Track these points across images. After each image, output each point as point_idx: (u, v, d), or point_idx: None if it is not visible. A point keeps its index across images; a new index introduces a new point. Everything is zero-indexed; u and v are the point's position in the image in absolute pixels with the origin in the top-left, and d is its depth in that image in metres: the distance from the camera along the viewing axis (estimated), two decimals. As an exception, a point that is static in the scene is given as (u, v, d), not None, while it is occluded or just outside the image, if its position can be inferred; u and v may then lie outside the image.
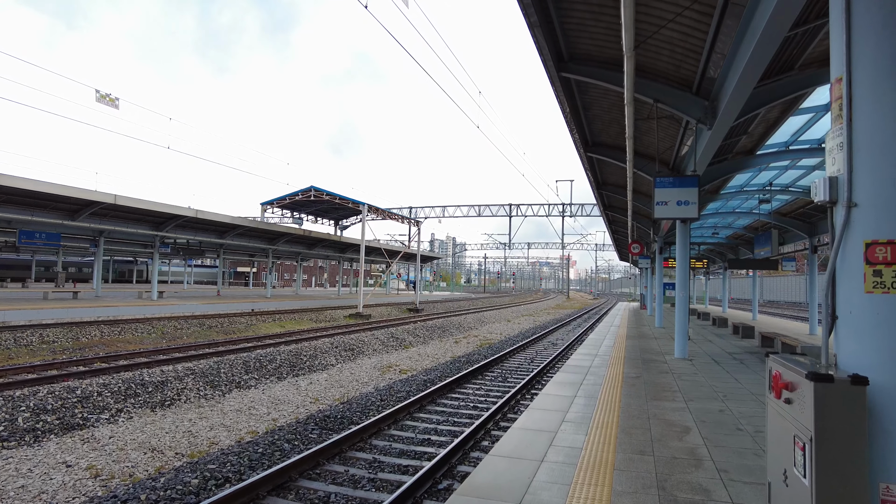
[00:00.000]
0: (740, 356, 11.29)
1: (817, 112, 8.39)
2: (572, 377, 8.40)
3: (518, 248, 76.12)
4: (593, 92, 8.42)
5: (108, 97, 14.12)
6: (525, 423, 5.60)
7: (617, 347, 12.57)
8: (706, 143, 7.07)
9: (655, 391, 7.34)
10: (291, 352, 14.75)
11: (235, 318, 24.55)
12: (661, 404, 6.53)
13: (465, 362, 14.76)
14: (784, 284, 67.41)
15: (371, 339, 18.41)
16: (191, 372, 11.48)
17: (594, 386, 7.70)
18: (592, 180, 14.43)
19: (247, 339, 17.66)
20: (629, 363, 10.05)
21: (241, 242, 33.73)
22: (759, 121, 8.48)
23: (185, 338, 19.28)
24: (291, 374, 13.16)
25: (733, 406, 6.48)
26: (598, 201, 17.69)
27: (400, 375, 13.22)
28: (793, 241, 19.95)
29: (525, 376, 12.28)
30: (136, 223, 27.04)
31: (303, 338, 17.74)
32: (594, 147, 11.51)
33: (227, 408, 9.79)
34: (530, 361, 15.06)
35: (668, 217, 7.86)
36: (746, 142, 9.98)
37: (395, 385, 11.49)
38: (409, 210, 44.87)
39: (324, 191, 32.28)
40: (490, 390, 10.77)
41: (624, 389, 7.45)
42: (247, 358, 13.43)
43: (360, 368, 14.08)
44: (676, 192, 7.61)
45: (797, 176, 13.27)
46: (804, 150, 10.22)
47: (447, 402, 9.64)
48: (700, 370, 9.27)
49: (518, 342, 20.21)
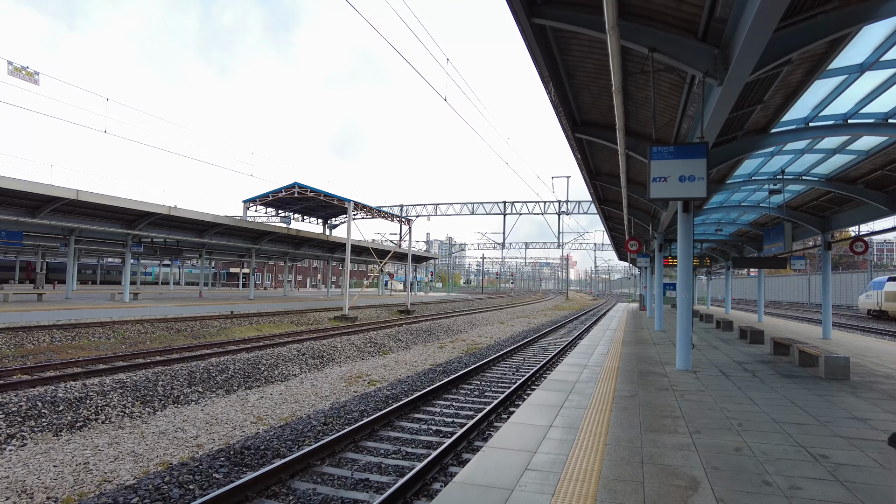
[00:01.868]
0: (751, 367, 9.80)
1: (850, 74, 6.90)
2: (553, 397, 6.91)
3: (516, 248, 74.56)
4: (576, 50, 6.95)
5: (25, 70, 12.58)
6: (473, 473, 4.11)
7: (611, 356, 11.08)
8: (716, 104, 5.60)
9: (653, 417, 5.85)
10: (250, 360, 13.27)
11: (209, 321, 23.07)
12: (660, 438, 5.04)
13: (442, 372, 13.27)
14: (785, 284, 65.87)
15: (346, 344, 16.91)
16: (120, 385, 10.00)
17: (577, 410, 6.21)
18: (584, 169, 12.93)
19: (208, 346, 16.19)
20: (623, 376, 8.56)
21: (222, 242, 32.24)
22: (777, 85, 7.00)
23: (148, 343, 17.84)
24: (244, 387, 11.69)
25: (753, 441, 4.99)
26: (592, 194, 16.20)
27: (367, 388, 11.75)
28: (802, 237, 18.45)
29: (505, 390, 10.80)
30: (106, 221, 25.54)
31: (269, 344, 16.26)
32: (583, 127, 10.02)
33: (151, 429, 8.33)
34: (515, 370, 13.57)
35: (668, 197, 6.35)
36: (761, 116, 8.50)
37: (352, 403, 10.01)
38: (400, 208, 43.34)
39: (308, 187, 30.76)
40: (461, 409, 9.28)
41: (614, 415, 5.96)
42: (195, 368, 11.95)
43: (326, 379, 12.61)
44: (679, 166, 6.11)
45: (813, 162, 11.80)
46: (827, 126, 8.73)
47: (406, 424, 8.15)
48: (707, 386, 7.79)
49: (507, 347, 18.73)
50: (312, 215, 39.46)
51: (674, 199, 7.76)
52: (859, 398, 7.02)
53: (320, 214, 39.31)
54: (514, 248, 73.34)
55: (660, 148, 6.17)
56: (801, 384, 7.99)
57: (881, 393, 7.40)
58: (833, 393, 7.36)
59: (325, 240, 36.86)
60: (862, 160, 10.80)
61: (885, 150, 10.15)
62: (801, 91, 7.25)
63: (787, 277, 65.94)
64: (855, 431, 5.36)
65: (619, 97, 5.82)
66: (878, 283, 34.95)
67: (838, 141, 10.12)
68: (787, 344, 10.77)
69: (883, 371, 9.49)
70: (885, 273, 43.00)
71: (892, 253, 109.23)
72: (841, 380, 8.38)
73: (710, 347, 12.85)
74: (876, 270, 48.02)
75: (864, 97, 8.05)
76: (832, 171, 12.08)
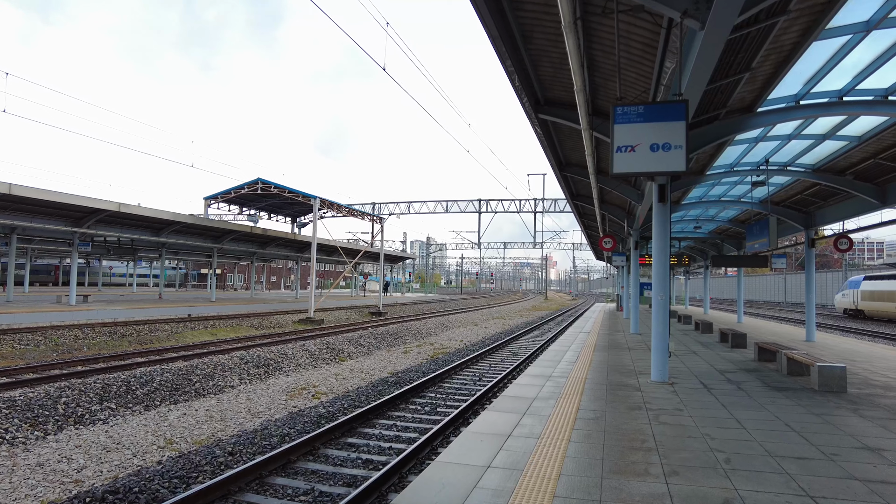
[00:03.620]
0: (736, 376, 8.73)
1: (854, 34, 5.82)
2: (503, 420, 5.70)
3: (494, 248, 73.53)
4: (529, 4, 5.74)
5: None
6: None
7: (580, 364, 9.93)
8: (699, 53, 4.45)
9: (620, 451, 4.67)
10: (183, 370, 11.85)
11: (161, 325, 21.46)
12: (627, 485, 3.86)
13: (395, 383, 11.98)
14: (762, 284, 66.02)
15: (299, 351, 15.53)
16: (9, 405, 8.51)
17: (528, 440, 5.01)
18: (552, 157, 11.77)
19: (144, 353, 14.69)
20: (590, 391, 7.40)
21: (181, 241, 30.49)
22: (768, 48, 5.89)
23: (84, 350, 16.27)
24: (168, 401, 10.29)
25: (746, 488, 3.83)
26: (564, 188, 15.07)
27: (309, 402, 10.43)
28: (784, 234, 17.58)
29: (460, 404, 9.57)
30: (49, 218, 23.70)
31: (212, 351, 14.79)
32: (547, 107, 8.84)
33: (29, 460, 6.93)
34: (478, 380, 12.36)
35: (636, 171, 5.08)
36: (746, 91, 7.41)
37: (283, 422, 8.71)
38: (372, 206, 41.88)
39: (272, 183, 29.22)
40: (402, 431, 7.99)
41: (572, 447, 4.77)
42: (114, 380, 10.50)
43: (266, 392, 11.26)
44: (650, 131, 4.88)
45: (799, 151, 10.82)
46: (820, 104, 7.69)
47: (334, 453, 6.86)
48: (686, 403, 6.66)
49: (476, 351, 17.53)
50: (280, 213, 37.85)
51: (644, 175, 6.39)
52: (864, 418, 5.94)
53: (288, 213, 37.72)
54: (492, 248, 72.32)
55: (626, 108, 4.93)
56: (793, 399, 6.91)
57: (886, 410, 6.34)
58: (832, 411, 6.28)
59: (293, 239, 35.27)
60: (853, 147, 9.83)
61: (880, 136, 9.18)
62: (795, 56, 6.15)
63: (763, 277, 66.09)
64: (872, 470, 4.24)
65: (571, 37, 4.50)
66: (855, 282, 34.65)
67: (830, 124, 9.12)
68: (773, 350, 9.74)
69: (879, 380, 8.48)
70: (859, 272, 42.92)
71: (871, 252, 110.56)
72: (837, 392, 7.33)
73: (689, 353, 11.80)
74: (850, 269, 48.03)
75: (863, 70, 7.01)
76: (820, 160, 11.12)
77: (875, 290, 31.51)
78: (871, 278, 32.69)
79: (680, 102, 4.95)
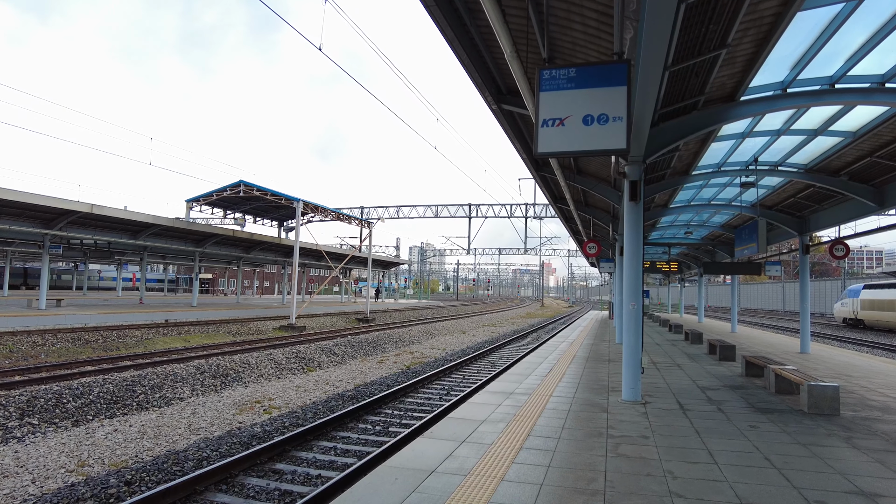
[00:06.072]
0: (718, 395, 7.88)
1: (844, 1, 5.02)
2: (433, 450, 4.85)
3: (489, 255, 72.72)
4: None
5: None
6: None
7: (550, 378, 9.09)
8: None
9: (559, 494, 3.83)
10: (129, 380, 11.00)
11: (131, 331, 20.60)
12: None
13: (352, 398, 11.12)
14: (760, 292, 65.18)
15: (263, 360, 14.67)
16: None
17: (451, 478, 4.16)
18: (527, 158, 10.96)
19: (95, 361, 13.85)
20: (551, 410, 6.56)
21: (161, 244, 29.67)
22: (744, 20, 5.09)
23: (41, 357, 15.41)
24: (103, 415, 9.44)
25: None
26: (545, 191, 14.27)
27: (259, 417, 9.56)
28: (778, 239, 16.78)
29: (414, 423, 8.70)
30: (17, 219, 22.91)
31: (166, 360, 13.92)
32: (510, 96, 8.05)
33: None
34: (446, 393, 11.51)
35: (564, 151, 4.08)
36: (726, 76, 6.61)
37: (221, 440, 7.86)
38: (360, 210, 41.11)
39: (255, 186, 28.42)
40: (339, 456, 7.12)
41: (501, 490, 3.92)
42: (44, 392, 9.66)
43: (215, 405, 10.39)
44: (583, 99, 3.95)
45: (790, 149, 10.03)
46: (810, 92, 6.89)
47: (254, 482, 6.00)
48: (655, 428, 5.81)
49: (453, 361, 16.66)
50: (266, 217, 37.04)
51: (573, 155, 5.29)
52: (858, 449, 5.09)
53: (275, 216, 36.92)
54: (486, 255, 71.51)
55: (554, 71, 4.04)
56: (779, 424, 6.06)
57: (884, 439, 5.49)
58: (821, 440, 5.43)
59: (278, 243, 34.46)
60: (847, 144, 9.03)
61: (876, 130, 8.39)
62: (778, 30, 5.35)
63: (762, 285, 65.24)
64: (864, 526, 3.40)
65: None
66: (854, 290, 33.80)
67: (821, 118, 8.32)
68: (761, 364, 8.89)
69: (877, 400, 7.64)
70: (859, 281, 42.08)
71: (871, 261, 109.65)
72: (829, 416, 6.48)
73: (673, 366, 10.95)
74: (849, 278, 47.20)
75: (855, 52, 6.23)
76: (812, 159, 10.32)
77: (875, 298, 30.67)
78: (871, 287, 31.84)
79: (620, 63, 4.05)
